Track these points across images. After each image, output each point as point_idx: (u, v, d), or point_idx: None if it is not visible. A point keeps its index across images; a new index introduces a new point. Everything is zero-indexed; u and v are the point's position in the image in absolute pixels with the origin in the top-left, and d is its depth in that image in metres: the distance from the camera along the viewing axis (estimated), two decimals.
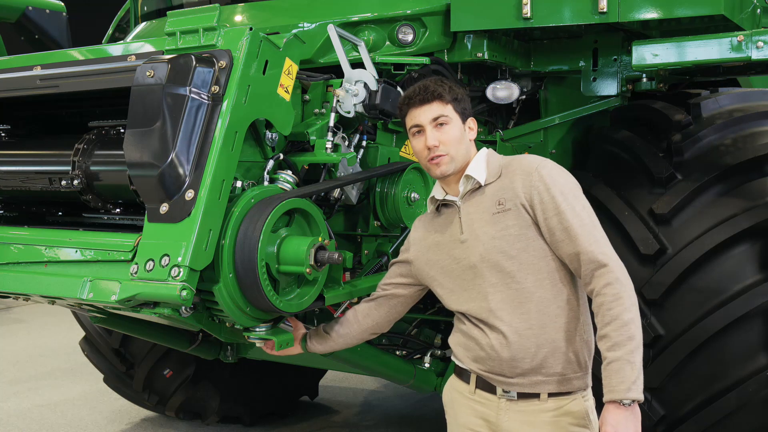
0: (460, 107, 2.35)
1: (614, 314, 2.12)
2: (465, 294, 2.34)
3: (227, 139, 2.34)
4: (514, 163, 2.32)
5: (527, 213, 2.23)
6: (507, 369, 2.26)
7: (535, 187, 2.22)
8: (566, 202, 2.20)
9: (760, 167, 3.29)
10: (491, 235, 2.26)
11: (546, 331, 2.23)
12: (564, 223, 2.18)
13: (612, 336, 2.11)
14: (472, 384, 2.37)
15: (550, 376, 2.25)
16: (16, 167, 3.01)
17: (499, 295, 2.26)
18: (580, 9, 3.19)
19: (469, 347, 2.35)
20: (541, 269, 2.23)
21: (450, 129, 2.32)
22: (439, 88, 2.33)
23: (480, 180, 2.32)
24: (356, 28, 3.39)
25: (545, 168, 2.25)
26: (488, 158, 2.37)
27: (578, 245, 2.17)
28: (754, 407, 2.98)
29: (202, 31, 2.48)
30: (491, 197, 2.30)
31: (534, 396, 2.26)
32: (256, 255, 2.31)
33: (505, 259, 2.24)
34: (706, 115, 3.58)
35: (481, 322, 2.30)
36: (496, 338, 2.26)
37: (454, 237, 2.36)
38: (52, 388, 6.11)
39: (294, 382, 5.23)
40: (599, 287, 2.15)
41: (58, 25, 5.03)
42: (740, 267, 3.09)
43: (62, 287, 2.47)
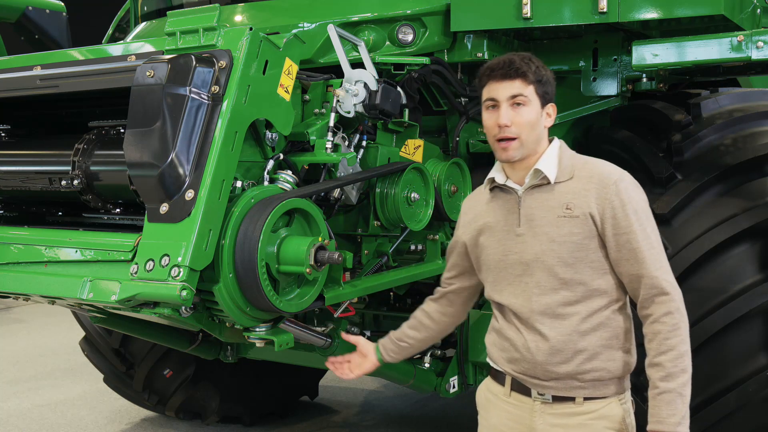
0: (542, 90, 2.22)
1: (671, 345, 2.10)
2: (509, 288, 2.27)
3: (227, 139, 2.34)
4: (590, 168, 2.22)
5: (594, 224, 2.15)
6: (541, 372, 2.21)
7: (610, 200, 2.14)
8: (639, 222, 2.14)
9: (760, 167, 3.29)
10: (552, 237, 2.18)
11: (586, 338, 2.18)
12: (633, 243, 2.13)
13: (667, 366, 2.09)
14: (507, 386, 2.32)
15: (586, 381, 2.19)
16: (16, 167, 3.01)
17: (544, 298, 2.20)
18: (580, 9, 3.19)
19: (504, 348, 2.30)
20: (593, 282, 2.18)
21: (526, 111, 2.19)
22: (524, 65, 2.19)
23: (550, 177, 2.21)
24: (356, 28, 3.39)
25: (623, 182, 2.17)
26: (560, 153, 2.26)
27: (644, 268, 2.13)
28: (754, 407, 2.98)
29: (202, 31, 2.48)
30: (559, 198, 2.20)
31: (569, 399, 2.21)
32: (256, 255, 2.31)
33: (560, 265, 2.17)
34: (706, 115, 3.58)
35: (520, 320, 2.24)
36: (533, 340, 2.21)
37: (509, 227, 2.27)
38: (52, 388, 6.10)
39: (294, 382, 5.23)
40: (658, 315, 2.12)
41: (58, 25, 5.03)
42: (740, 267, 3.09)
43: (62, 287, 2.47)
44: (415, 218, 3.10)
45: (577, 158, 2.28)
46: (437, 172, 3.26)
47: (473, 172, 3.51)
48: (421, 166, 3.11)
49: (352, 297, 2.89)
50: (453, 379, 3.65)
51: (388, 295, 3.99)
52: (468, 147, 3.66)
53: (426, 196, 3.13)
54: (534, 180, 2.24)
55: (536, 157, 2.25)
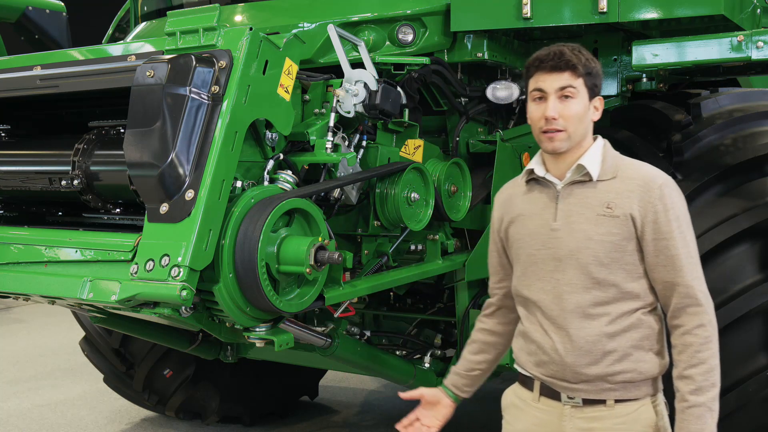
0: (591, 82, 2.17)
1: (702, 358, 2.08)
2: (538, 283, 2.23)
3: (227, 139, 2.34)
4: (635, 169, 2.19)
5: (634, 226, 2.12)
6: (570, 374, 2.16)
7: (653, 204, 2.11)
8: (680, 229, 2.12)
9: (760, 167, 3.29)
10: (589, 235, 2.14)
11: (616, 339, 2.14)
12: (672, 250, 2.10)
13: (697, 380, 2.07)
14: (536, 391, 2.27)
15: (617, 383, 2.15)
16: (16, 167, 3.01)
17: (575, 296, 2.15)
18: (580, 9, 3.19)
19: (532, 351, 2.25)
20: (627, 283, 2.14)
21: (574, 104, 2.15)
22: (574, 57, 2.14)
23: (593, 174, 2.17)
24: (356, 28, 3.39)
25: (668, 187, 2.14)
26: (605, 152, 2.22)
27: (680, 276, 2.11)
28: (754, 407, 2.98)
29: (202, 31, 2.48)
30: (600, 196, 2.16)
31: (600, 402, 2.16)
32: (256, 255, 2.31)
33: (595, 264, 2.13)
34: (706, 115, 3.58)
35: (548, 319, 2.20)
36: (560, 341, 2.17)
37: (545, 221, 2.22)
38: (52, 388, 6.10)
39: (294, 382, 5.23)
40: (691, 326, 2.10)
41: (58, 25, 5.03)
42: (740, 267, 3.09)
43: (62, 287, 2.47)
44: (415, 218, 3.10)
45: (622, 158, 2.24)
46: (437, 172, 3.26)
47: (473, 172, 3.51)
48: (421, 166, 3.11)
49: (352, 297, 2.88)
50: None
51: (388, 295, 4.00)
52: (468, 147, 3.66)
53: (426, 196, 3.13)
54: (576, 175, 2.19)
55: (580, 152, 2.20)
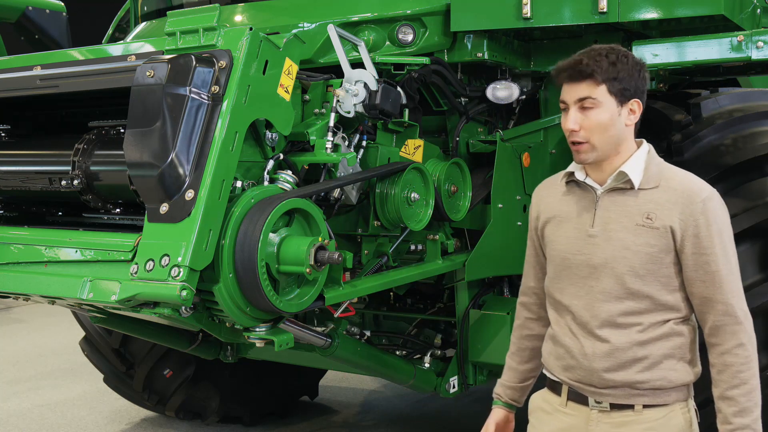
0: (618, 87, 2.08)
1: (744, 378, 2.05)
2: (571, 288, 2.19)
3: (227, 139, 2.33)
4: (679, 180, 2.12)
5: (673, 239, 2.07)
6: (597, 380, 2.14)
7: (695, 217, 2.05)
8: (722, 244, 2.07)
9: (760, 167, 3.28)
10: (626, 245, 2.10)
11: (647, 348, 2.11)
12: (713, 266, 2.06)
13: (740, 401, 2.05)
14: (563, 396, 2.24)
15: (646, 389, 2.12)
16: (16, 167, 3.01)
17: (607, 305, 2.12)
18: (580, 9, 3.19)
19: (560, 356, 2.23)
20: (661, 297, 2.11)
21: (596, 114, 2.08)
22: (593, 65, 2.06)
23: (635, 182, 2.12)
24: (356, 28, 3.39)
25: (712, 201, 2.08)
26: (648, 159, 2.16)
27: (720, 293, 2.06)
28: None
29: (202, 31, 2.48)
30: (641, 206, 2.11)
31: (628, 407, 2.13)
32: (256, 255, 2.31)
33: (630, 274, 2.09)
34: (706, 115, 3.58)
35: (578, 325, 2.17)
36: (590, 347, 2.14)
37: (582, 226, 2.18)
38: (52, 388, 6.10)
39: (294, 382, 5.23)
40: (730, 346, 2.06)
41: (58, 25, 5.03)
42: (740, 267, 3.07)
43: (62, 287, 2.47)
44: (415, 218, 3.10)
45: (666, 167, 2.18)
46: (437, 172, 3.26)
47: (473, 172, 3.51)
48: (421, 166, 3.11)
49: (352, 297, 2.88)
50: (453, 379, 3.65)
51: (388, 295, 3.99)
52: (468, 147, 3.66)
53: (426, 196, 3.13)
54: (617, 182, 2.15)
55: (623, 158, 2.15)
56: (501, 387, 2.51)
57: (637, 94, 2.14)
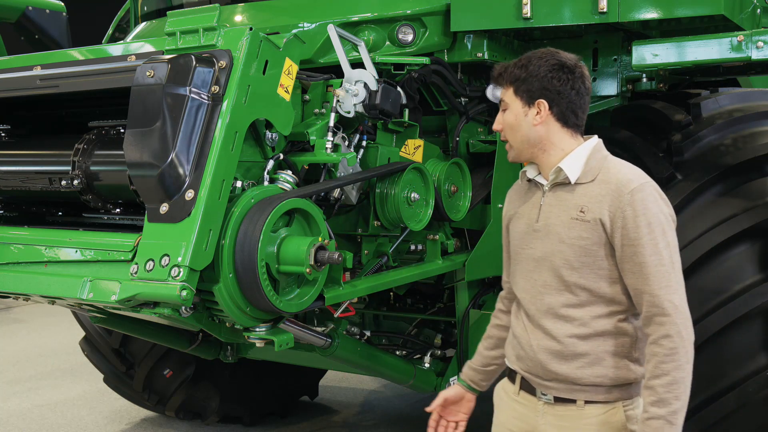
0: (523, 89, 2.19)
1: (666, 369, 2.02)
2: (522, 282, 2.28)
3: (227, 139, 2.34)
4: (612, 172, 2.15)
5: (604, 231, 2.10)
6: (542, 371, 2.20)
7: (622, 209, 2.08)
8: (650, 235, 2.06)
9: (760, 167, 3.29)
10: (562, 238, 2.16)
11: (588, 343, 2.14)
12: (639, 257, 2.06)
13: (659, 391, 2.02)
14: (517, 385, 2.33)
15: (587, 385, 2.16)
16: (16, 167, 3.01)
17: (549, 297, 2.19)
18: (580, 9, 3.19)
19: (514, 345, 2.32)
20: (600, 288, 2.14)
21: (506, 116, 2.25)
22: (503, 69, 2.23)
23: (571, 177, 2.18)
24: (356, 28, 3.39)
25: (641, 192, 2.09)
26: (591, 154, 2.20)
27: (647, 284, 2.06)
28: (754, 407, 2.98)
29: (202, 31, 2.48)
30: (576, 200, 2.16)
31: (570, 402, 2.19)
32: (256, 255, 2.31)
33: (566, 267, 2.15)
34: (706, 115, 3.58)
35: (527, 317, 2.25)
36: (535, 338, 2.22)
37: (530, 221, 2.26)
38: (52, 388, 6.10)
39: (294, 382, 5.23)
40: (656, 336, 2.05)
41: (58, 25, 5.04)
42: (740, 267, 3.09)
43: (62, 287, 2.47)
44: (415, 218, 3.10)
45: (610, 161, 2.20)
46: (437, 172, 3.26)
47: (473, 172, 3.51)
48: (421, 166, 3.11)
49: (352, 297, 2.88)
50: (453, 379, 3.65)
51: (388, 295, 3.99)
52: (468, 147, 3.66)
53: (426, 196, 3.13)
54: (557, 178, 2.21)
55: (559, 156, 2.22)
56: (465, 367, 2.62)
57: (544, 94, 2.18)
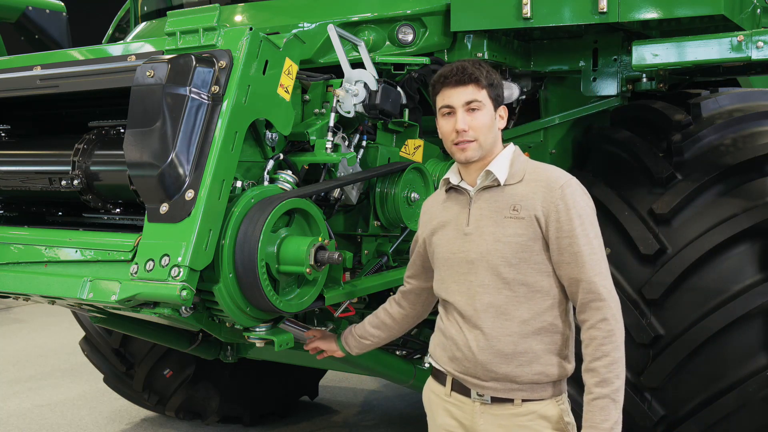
0: (494, 93, 2.29)
1: (606, 351, 2.14)
2: (454, 286, 2.32)
3: (227, 139, 2.34)
4: (540, 172, 2.28)
5: (539, 226, 2.20)
6: (481, 371, 2.25)
7: (555, 204, 2.19)
8: (582, 226, 2.19)
9: (760, 167, 3.28)
10: (497, 237, 2.23)
11: (527, 341, 2.22)
12: (575, 248, 2.17)
13: (601, 372, 2.14)
14: (447, 386, 2.37)
15: (525, 383, 2.24)
16: (16, 167, 3.01)
17: (487, 297, 2.24)
18: (580, 9, 3.19)
19: (446, 347, 2.34)
20: (536, 283, 2.22)
21: (481, 115, 2.26)
22: (476, 71, 2.26)
23: (500, 179, 2.27)
24: (356, 28, 3.39)
25: (570, 187, 2.22)
26: (513, 157, 2.32)
27: (583, 272, 2.17)
28: (754, 407, 2.98)
29: (202, 31, 2.48)
30: (507, 200, 2.25)
31: (508, 401, 2.25)
32: (256, 255, 2.31)
33: (503, 265, 2.22)
34: (706, 115, 3.58)
35: (463, 319, 2.29)
36: (474, 339, 2.25)
37: (459, 226, 2.32)
38: (52, 388, 6.11)
39: (294, 382, 5.23)
40: (594, 321, 2.17)
41: (58, 25, 5.03)
42: (740, 267, 3.09)
43: (62, 287, 2.47)
44: (415, 218, 3.09)
45: (530, 163, 2.33)
46: (437, 172, 3.26)
47: None
48: (421, 166, 3.11)
49: (352, 297, 2.89)
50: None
51: (388, 295, 3.99)
52: None
53: (426, 196, 3.12)
54: (485, 181, 2.30)
55: (489, 160, 2.31)
56: (347, 331, 2.76)
57: (503, 102, 2.35)
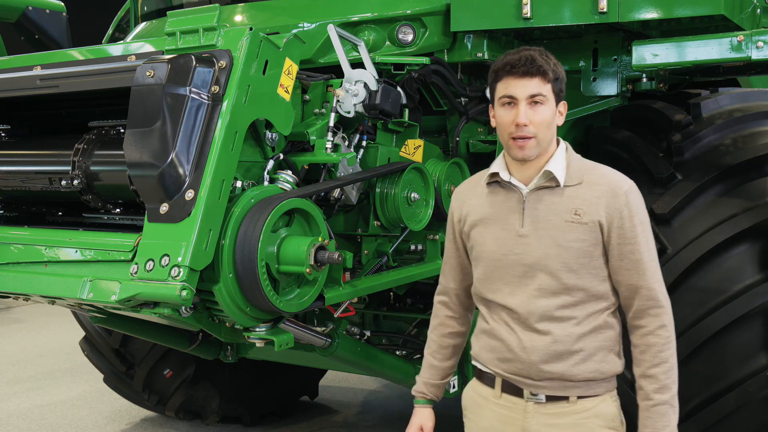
0: (558, 88, 2.19)
1: (664, 357, 2.16)
2: (506, 288, 2.24)
3: (227, 139, 2.34)
4: (600, 174, 2.21)
5: (600, 232, 2.16)
6: (535, 372, 2.20)
7: (619, 210, 2.15)
8: (644, 233, 2.17)
9: (760, 167, 3.28)
10: (558, 242, 2.17)
11: (583, 340, 2.19)
12: (636, 255, 2.16)
13: (661, 378, 2.16)
14: (497, 388, 2.30)
15: (580, 381, 2.20)
16: (16, 167, 3.01)
17: (544, 300, 2.19)
18: (580, 9, 3.19)
19: (495, 348, 2.28)
20: (594, 288, 2.19)
21: (544, 110, 2.15)
22: (544, 63, 2.15)
23: (560, 180, 2.19)
24: (356, 28, 3.39)
25: (633, 193, 2.18)
26: (569, 157, 2.24)
27: (643, 279, 2.17)
28: (754, 407, 2.98)
29: (202, 31, 2.48)
30: (567, 202, 2.18)
31: (563, 399, 2.21)
32: (256, 255, 2.31)
33: (564, 270, 2.16)
34: (706, 115, 3.58)
35: (514, 320, 2.23)
36: (528, 340, 2.20)
37: (511, 226, 2.23)
38: (52, 388, 6.10)
39: (294, 382, 5.23)
40: (653, 327, 2.17)
41: (58, 25, 5.04)
42: (740, 267, 3.09)
43: (62, 287, 2.47)
44: (415, 218, 3.10)
45: (585, 162, 2.26)
46: (437, 172, 3.26)
47: (473, 172, 3.51)
48: (421, 166, 3.11)
49: (352, 297, 2.88)
50: (453, 379, 3.65)
51: (388, 295, 3.99)
52: (468, 147, 3.66)
53: (426, 196, 3.13)
54: (542, 181, 2.21)
55: (546, 158, 2.21)
56: (424, 385, 2.56)
57: (564, 98, 2.24)
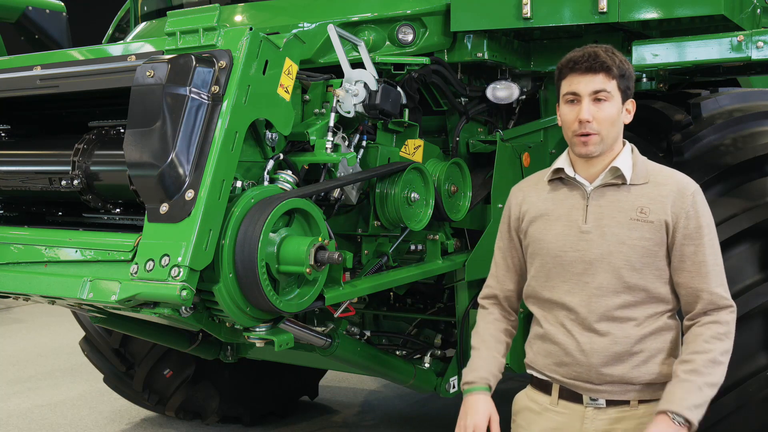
0: (624, 85, 2.17)
1: (708, 348, 2.09)
2: (564, 285, 2.21)
3: (227, 139, 2.33)
4: (666, 175, 2.21)
5: (666, 232, 2.14)
6: (595, 375, 2.17)
7: (686, 210, 2.14)
8: (709, 236, 2.15)
9: (760, 167, 3.29)
10: (622, 239, 2.14)
11: (643, 342, 2.16)
12: (700, 257, 2.13)
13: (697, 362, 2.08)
14: (554, 394, 2.26)
15: (642, 383, 2.17)
16: (16, 167, 3.01)
17: (605, 300, 2.16)
18: (580, 9, 3.19)
19: (551, 353, 2.24)
20: (656, 289, 2.17)
21: (608, 107, 2.14)
22: (608, 59, 2.13)
23: (627, 178, 2.18)
24: (356, 28, 3.39)
25: (700, 194, 2.18)
26: (634, 157, 2.23)
27: (705, 283, 2.14)
28: (754, 407, 2.98)
29: (202, 31, 2.48)
30: (633, 201, 2.17)
31: (624, 403, 2.18)
32: (256, 255, 2.31)
33: (627, 268, 2.14)
34: (706, 115, 3.58)
35: (573, 321, 2.19)
36: (588, 342, 2.17)
37: (573, 222, 2.21)
38: (52, 388, 6.10)
39: (294, 382, 5.23)
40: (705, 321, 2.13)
41: (58, 25, 5.03)
42: (740, 267, 3.09)
43: (62, 287, 2.47)
44: (415, 218, 3.10)
45: (651, 164, 2.25)
46: (437, 172, 3.26)
47: (473, 172, 3.51)
48: (421, 166, 3.11)
49: (352, 297, 2.88)
50: (453, 379, 3.65)
51: (388, 295, 4.00)
52: (468, 147, 3.66)
53: (426, 196, 3.13)
54: (609, 178, 2.20)
55: (612, 155, 2.21)
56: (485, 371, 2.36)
57: (632, 95, 2.22)
